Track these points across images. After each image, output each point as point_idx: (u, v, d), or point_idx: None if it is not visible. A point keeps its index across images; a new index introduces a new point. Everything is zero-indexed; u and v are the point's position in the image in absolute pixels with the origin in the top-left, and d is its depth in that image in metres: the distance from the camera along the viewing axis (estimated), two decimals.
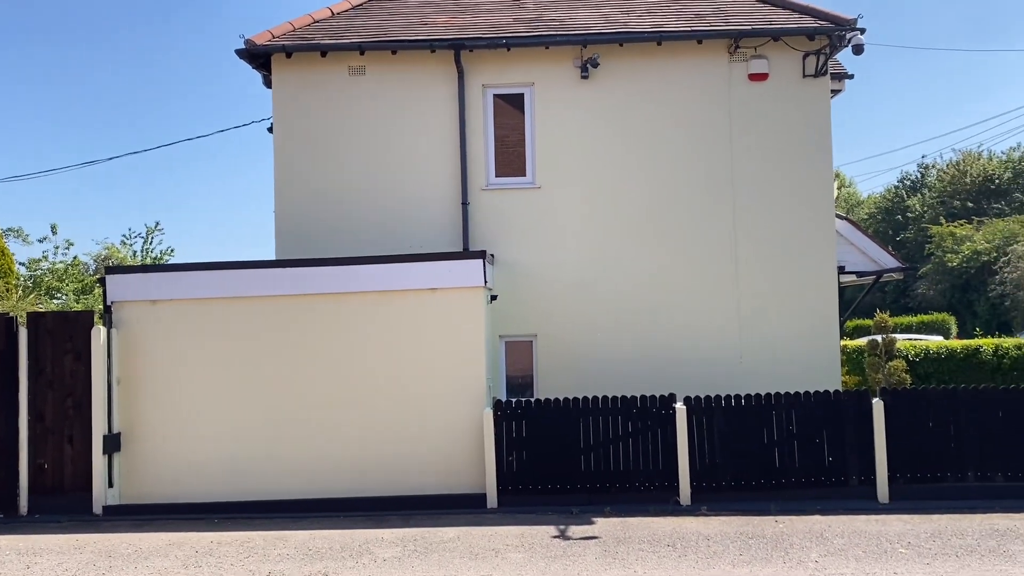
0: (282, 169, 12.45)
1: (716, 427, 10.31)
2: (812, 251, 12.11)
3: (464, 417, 10.53)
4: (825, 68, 12.13)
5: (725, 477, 10.26)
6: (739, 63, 12.25)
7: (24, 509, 10.38)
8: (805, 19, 12.16)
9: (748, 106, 12.25)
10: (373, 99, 12.47)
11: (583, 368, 11.95)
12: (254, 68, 12.64)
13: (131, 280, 10.90)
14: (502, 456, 10.34)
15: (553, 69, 12.35)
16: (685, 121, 12.31)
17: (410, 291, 10.77)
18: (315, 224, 12.29)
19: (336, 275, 10.80)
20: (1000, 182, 44.38)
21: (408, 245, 12.12)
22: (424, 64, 12.37)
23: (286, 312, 10.72)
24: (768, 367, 11.81)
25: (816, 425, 10.32)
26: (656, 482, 10.27)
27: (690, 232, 12.21)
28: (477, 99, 12.43)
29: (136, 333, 10.70)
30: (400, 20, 12.82)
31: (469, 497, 10.34)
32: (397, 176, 12.42)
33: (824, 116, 12.24)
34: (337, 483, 10.48)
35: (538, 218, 12.35)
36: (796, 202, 12.17)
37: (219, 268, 10.86)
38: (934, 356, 16.71)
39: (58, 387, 10.53)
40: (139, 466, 10.61)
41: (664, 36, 12.00)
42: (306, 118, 12.46)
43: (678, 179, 12.28)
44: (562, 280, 12.20)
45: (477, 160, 12.42)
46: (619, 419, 10.37)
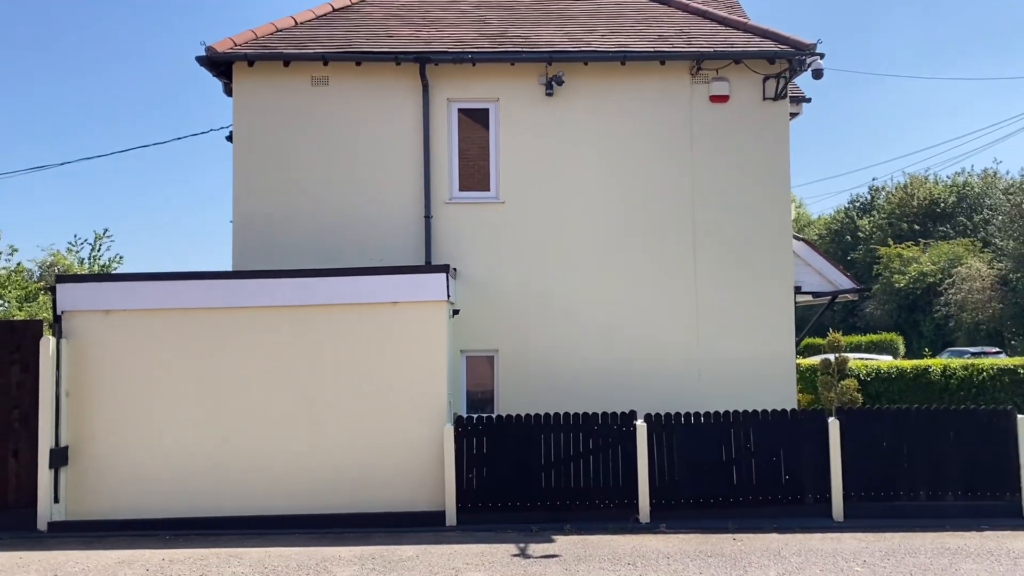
0: (241, 179, 12.26)
1: (676, 444, 10.36)
2: (770, 270, 12.29)
3: (424, 433, 10.42)
4: (785, 91, 12.35)
5: (684, 494, 10.31)
6: (701, 84, 12.42)
7: None
8: (766, 43, 12.38)
9: (709, 127, 12.42)
10: (336, 110, 12.36)
11: (545, 384, 11.95)
12: (215, 76, 12.44)
13: (83, 289, 10.60)
14: (462, 473, 10.26)
15: (518, 85, 12.39)
16: (648, 140, 12.43)
17: (371, 304, 10.66)
18: (274, 235, 12.11)
19: (296, 287, 10.63)
20: (945, 206, 45.68)
21: (370, 258, 12.01)
22: (389, 76, 12.31)
23: (243, 324, 10.52)
24: (726, 384, 11.93)
25: (773, 443, 10.44)
26: (616, 499, 10.28)
27: (652, 249, 12.31)
28: (442, 113, 12.40)
29: (87, 344, 10.40)
30: (364, 32, 12.74)
31: (429, 515, 10.23)
32: (359, 188, 12.31)
33: (783, 138, 12.46)
34: (293, 499, 10.29)
35: (501, 233, 12.34)
36: (755, 222, 12.34)
37: (176, 279, 10.61)
38: (885, 376, 17.01)
39: (3, 398, 10.17)
40: (87, 481, 10.28)
41: (628, 56, 12.11)
42: (267, 128, 12.30)
43: (641, 197, 12.38)
44: (525, 295, 12.19)
45: (441, 173, 12.37)
46: (580, 436, 10.37)
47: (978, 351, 28.59)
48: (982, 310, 34.07)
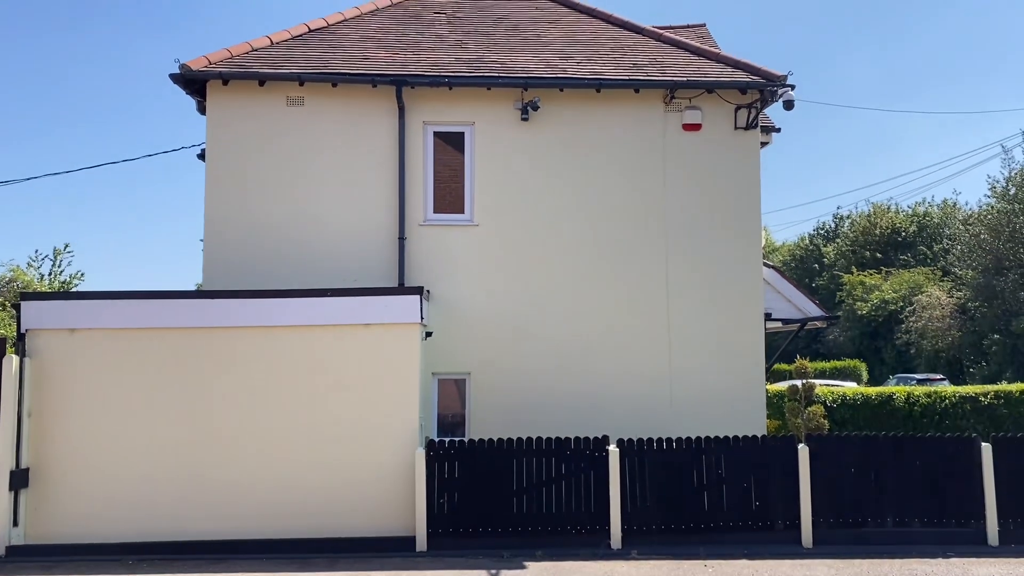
0: (213, 198, 12.14)
1: (648, 470, 10.37)
2: (741, 297, 12.42)
3: (395, 456, 10.33)
4: (756, 121, 12.56)
5: (656, 520, 10.31)
6: (674, 113, 12.58)
7: None
8: (738, 73, 12.59)
9: (682, 154, 12.57)
10: (310, 131, 12.32)
11: (517, 408, 11.91)
12: (188, 94, 12.34)
13: (48, 307, 10.39)
14: (433, 497, 10.17)
15: (494, 110, 12.45)
16: (622, 166, 12.54)
17: (343, 326, 10.58)
18: (246, 255, 12.00)
19: (267, 308, 10.53)
20: (906, 235, 46.57)
21: (343, 279, 11.92)
22: (365, 98, 12.31)
23: (211, 345, 10.38)
24: (697, 410, 11.99)
25: (744, 470, 10.49)
26: (588, 525, 10.24)
27: (625, 275, 12.38)
28: (417, 135, 12.42)
29: (51, 363, 10.18)
30: (341, 53, 12.75)
31: (398, 540, 10.11)
32: (333, 209, 12.26)
33: (754, 167, 12.64)
34: (260, 524, 10.12)
35: (475, 255, 12.34)
36: (726, 249, 12.48)
37: (144, 297, 10.45)
38: (850, 402, 17.26)
39: None
40: (49, 503, 10.03)
41: (603, 83, 12.24)
42: (240, 147, 12.21)
43: (614, 222, 12.47)
44: (498, 318, 12.19)
45: (415, 196, 12.37)
46: (552, 461, 10.34)
47: (923, 378, 29.15)
48: (942, 338, 34.68)
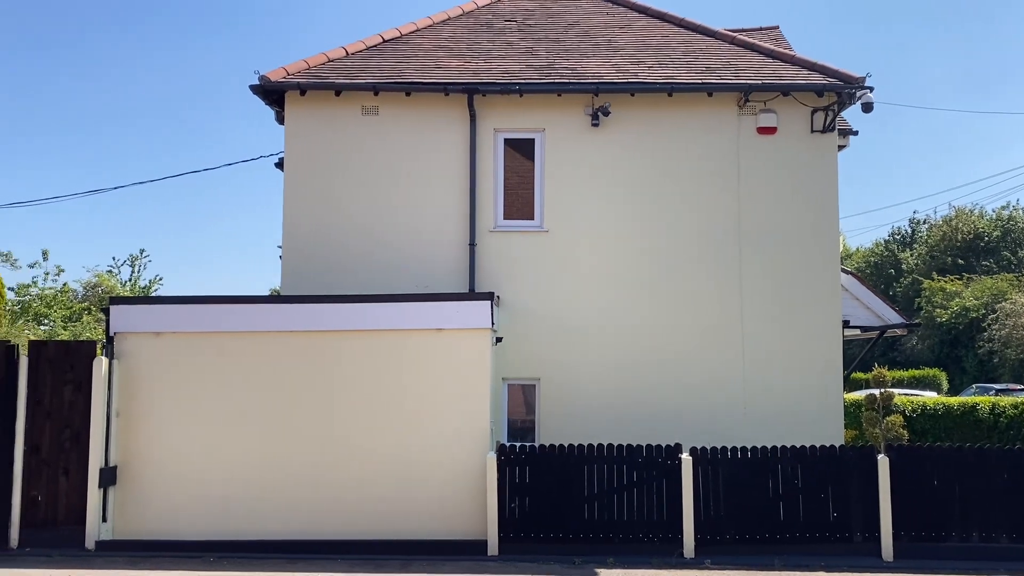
0: (291, 205, 12.46)
1: (721, 479, 10.23)
2: (818, 304, 12.17)
3: (466, 461, 10.41)
4: (833, 124, 12.31)
5: (729, 530, 10.16)
6: (748, 116, 12.42)
7: (15, 542, 10.13)
8: (814, 76, 12.36)
9: (756, 158, 12.39)
10: (384, 139, 12.54)
11: (586, 414, 11.89)
12: (267, 104, 12.70)
13: (135, 311, 10.79)
14: (504, 502, 10.21)
15: (564, 116, 12.48)
16: (693, 171, 12.43)
17: (416, 331, 10.71)
18: (322, 261, 12.27)
19: (342, 312, 10.74)
20: (989, 240, 44.93)
21: (415, 285, 12.09)
22: (437, 107, 12.47)
23: (290, 348, 10.63)
24: (771, 419, 11.78)
25: (821, 480, 10.27)
26: (659, 533, 10.15)
27: (697, 281, 12.26)
28: (488, 143, 12.52)
29: (138, 365, 10.57)
30: (414, 62, 12.95)
31: (469, 543, 10.18)
32: (405, 216, 12.44)
33: (831, 171, 12.39)
34: (335, 525, 10.31)
35: (545, 262, 12.37)
36: (802, 255, 12.25)
37: (225, 302, 10.78)
38: (931, 412, 16.72)
39: (56, 418, 10.36)
40: (134, 501, 10.40)
41: (675, 88, 12.16)
42: (317, 155, 12.50)
43: (686, 228, 12.36)
44: (567, 324, 12.18)
45: (486, 202, 12.47)
46: (624, 468, 10.28)
47: (1003, 388, 27.99)
48: None
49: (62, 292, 29.50)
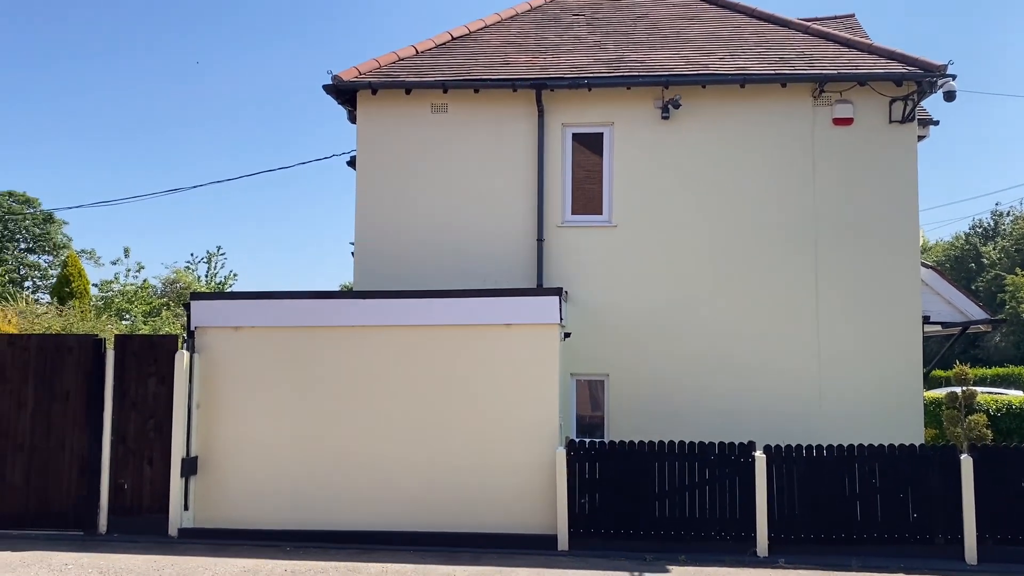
0: (363, 202, 12.66)
1: (796, 478, 10.04)
2: (897, 299, 11.83)
3: (535, 456, 10.43)
4: (912, 114, 11.94)
5: (804, 529, 9.96)
6: (823, 107, 12.13)
7: (103, 528, 10.56)
8: (892, 64, 12.00)
9: (832, 150, 12.10)
10: (453, 136, 12.64)
11: (656, 410, 11.80)
12: (340, 103, 12.92)
13: (215, 306, 11.12)
14: (574, 497, 10.20)
15: (633, 109, 12.39)
16: (766, 164, 12.20)
17: (485, 326, 10.77)
18: (393, 257, 12.44)
19: (413, 308, 10.87)
20: None
21: (483, 280, 12.17)
22: (505, 103, 12.51)
23: (362, 343, 10.81)
24: (848, 417, 11.51)
25: (900, 479, 9.99)
26: (732, 532, 10.02)
27: (770, 276, 12.03)
28: (556, 137, 12.51)
29: (217, 358, 10.89)
30: (482, 59, 13.01)
31: (539, 538, 10.21)
32: (474, 212, 12.52)
33: (910, 162, 12.03)
34: (407, 517, 10.45)
35: (613, 257, 12.30)
36: (881, 249, 11.92)
37: (301, 297, 11.02)
38: (1017, 411, 16.07)
39: (141, 409, 10.75)
40: (213, 490, 10.72)
41: (748, 79, 11.95)
42: (388, 153, 12.68)
43: (758, 222, 12.14)
44: (637, 320, 12.10)
45: (554, 197, 12.46)
46: (695, 465, 10.17)
47: None
48: None
49: (142, 288, 30.53)
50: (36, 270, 45.75)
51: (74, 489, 10.64)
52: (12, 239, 45.67)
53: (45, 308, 18.62)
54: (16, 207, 45.49)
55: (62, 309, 18.27)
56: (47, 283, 41.88)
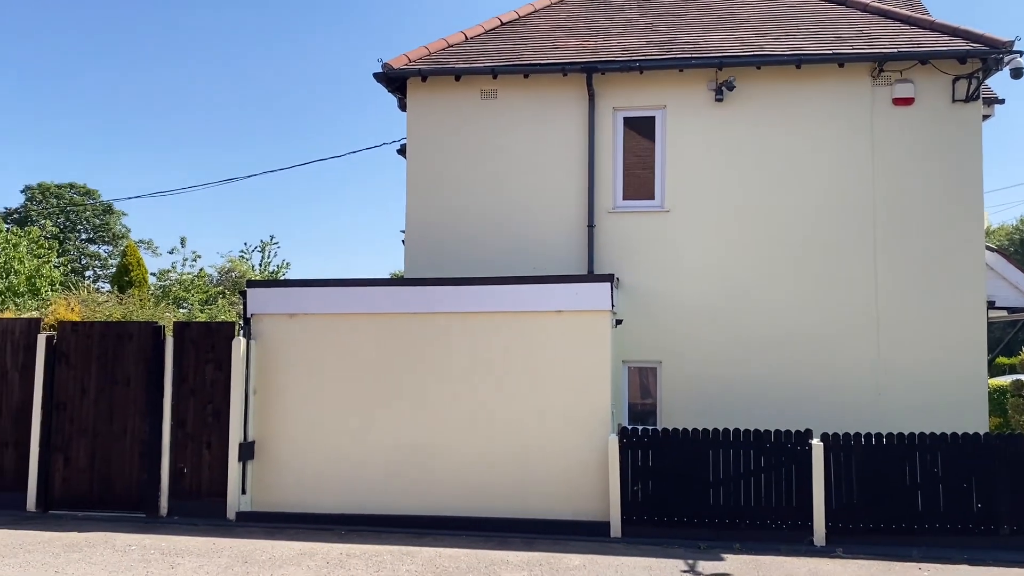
0: (414, 190, 12.70)
1: (854, 466, 9.83)
2: (959, 284, 11.49)
3: (587, 443, 10.39)
4: (977, 93, 11.55)
5: (862, 519, 9.77)
6: (883, 87, 11.80)
7: (164, 510, 10.82)
8: (956, 41, 11.61)
9: (892, 131, 11.77)
10: (503, 122, 12.59)
11: (709, 398, 11.66)
12: (390, 91, 12.96)
13: (271, 294, 11.27)
14: (627, 484, 10.15)
15: (686, 92, 12.20)
16: (823, 146, 11.92)
17: (536, 313, 10.74)
18: (443, 244, 12.47)
19: (464, 295, 10.89)
20: None
21: (533, 266, 12.13)
22: (555, 87, 12.42)
23: (415, 330, 10.87)
24: (907, 405, 11.24)
25: (963, 469, 9.72)
26: (788, 520, 9.87)
27: (826, 261, 11.78)
28: (607, 122, 12.38)
29: (272, 345, 11.05)
30: (532, 44, 12.93)
31: (592, 524, 10.18)
32: (524, 198, 12.47)
33: (974, 143, 11.64)
34: (461, 502, 10.51)
35: (665, 242, 12.16)
36: (943, 232, 11.58)
37: (354, 285, 11.12)
38: None
39: (199, 395, 10.96)
40: (270, 475, 10.91)
41: (804, 59, 11.67)
42: (438, 141, 12.68)
43: (814, 206, 11.88)
44: (689, 306, 11.96)
45: (605, 183, 12.35)
46: (751, 453, 10.03)
47: None
48: None
49: (199, 277, 31.17)
50: (97, 260, 47.05)
51: (136, 473, 10.92)
52: (74, 230, 47.00)
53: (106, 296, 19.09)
54: (77, 199, 46.78)
55: (122, 297, 18.71)
56: (107, 272, 43.06)
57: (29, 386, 11.17)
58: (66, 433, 11.09)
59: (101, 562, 8.63)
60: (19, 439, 11.14)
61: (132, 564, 8.55)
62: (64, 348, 11.22)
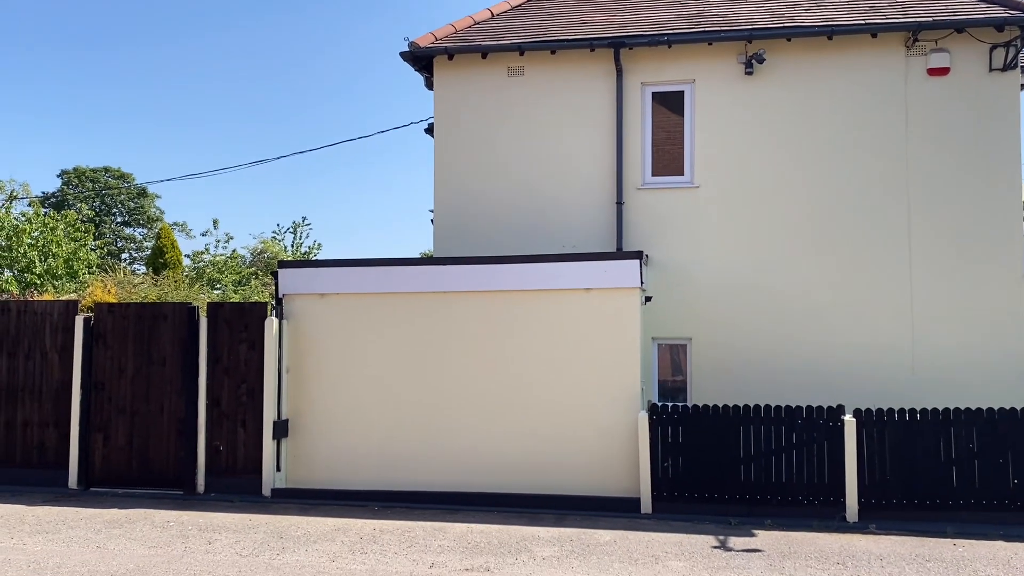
0: (441, 169, 12.71)
1: (888, 442, 9.75)
2: (996, 255, 11.29)
3: (617, 420, 10.41)
4: (1015, 61, 11.27)
5: (896, 495, 9.70)
6: (917, 57, 11.57)
7: (201, 487, 11.03)
8: (993, 8, 11.34)
9: (926, 102, 11.55)
10: (530, 99, 12.54)
11: (740, 374, 11.60)
12: (416, 70, 12.95)
13: (302, 274, 11.38)
14: (657, 461, 10.17)
15: (715, 66, 12.05)
16: (856, 119, 11.73)
17: (565, 291, 10.74)
18: (472, 222, 12.48)
19: (492, 273, 10.91)
20: None
21: (562, 244, 12.12)
22: (582, 63, 12.33)
23: (444, 309, 10.92)
24: (943, 379, 11.11)
25: (1000, 444, 9.60)
26: (820, 497, 9.83)
27: (859, 235, 11.63)
28: (635, 97, 12.28)
29: (304, 325, 11.17)
30: (559, 20, 12.83)
31: (622, 500, 10.23)
32: (552, 175, 12.44)
33: (1012, 112, 11.38)
34: (491, 479, 10.59)
35: (695, 218, 12.07)
36: (979, 203, 11.37)
37: (385, 264, 11.17)
38: None
39: (233, 374, 11.13)
40: (304, 452, 11.07)
41: (835, 30, 11.47)
42: (465, 119, 12.67)
43: (847, 179, 11.71)
44: (720, 283, 11.88)
45: (633, 159, 12.27)
46: (782, 429, 9.98)
47: None
48: None
49: (232, 258, 31.54)
50: (132, 242, 47.75)
51: (173, 451, 11.14)
52: (109, 213, 47.69)
53: (141, 278, 19.39)
54: (112, 182, 47.44)
55: (157, 279, 18.99)
56: (142, 255, 43.68)
57: (68, 367, 11.42)
58: (105, 412, 11.33)
59: (141, 538, 8.84)
60: (59, 419, 11.41)
61: (171, 540, 8.75)
62: (101, 329, 11.44)
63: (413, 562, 8.01)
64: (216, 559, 8.08)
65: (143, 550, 8.37)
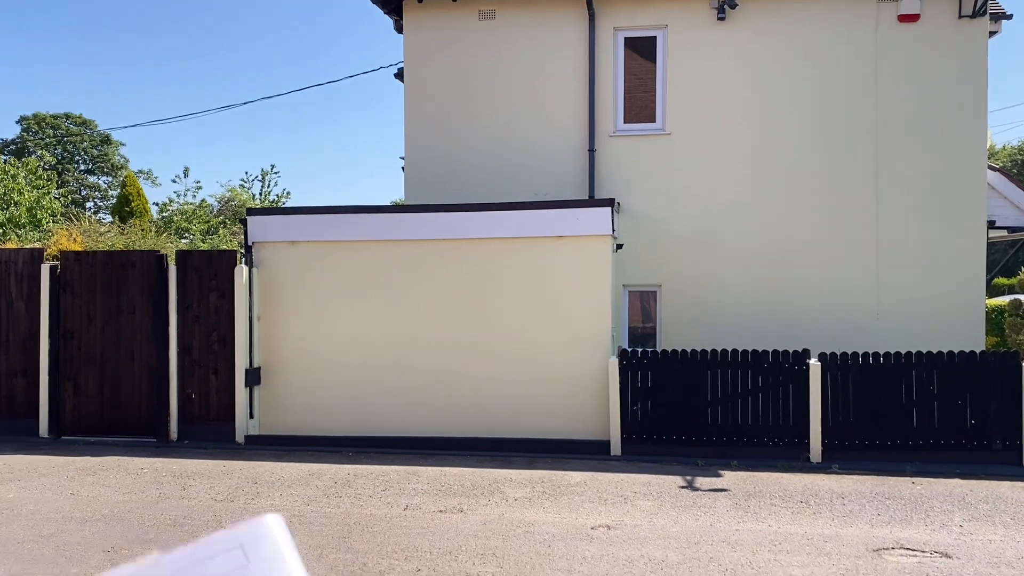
0: (412, 115, 12.58)
1: (851, 385, 10.00)
2: (960, 204, 11.49)
3: (588, 365, 10.55)
4: (984, 7, 11.32)
5: (858, 436, 9.98)
6: (888, 3, 11.58)
7: (174, 435, 11.06)
8: None
9: (896, 49, 11.59)
10: (501, 44, 12.40)
11: (709, 321, 11.77)
12: (386, 13, 12.73)
13: (271, 221, 11.28)
14: (626, 405, 10.34)
15: (688, 11, 11.97)
16: (827, 66, 11.76)
17: (536, 238, 10.77)
18: (443, 170, 12.41)
19: (464, 221, 10.90)
20: None
21: (534, 192, 12.10)
22: (555, 7, 12.19)
23: (415, 256, 10.92)
24: (906, 324, 11.36)
25: (958, 386, 9.89)
26: (785, 438, 10.09)
27: (827, 183, 11.74)
28: (608, 43, 12.19)
29: (274, 273, 11.12)
30: None
31: (592, 443, 10.42)
32: (524, 122, 12.37)
33: (980, 60, 11.48)
34: (463, 423, 10.73)
35: (667, 166, 12.10)
36: (945, 151, 11.52)
37: (354, 212, 11.11)
38: None
39: (204, 322, 11.08)
40: (277, 399, 11.11)
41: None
42: (436, 64, 12.51)
43: (816, 127, 11.79)
44: (690, 230, 11.97)
45: (605, 106, 12.22)
46: (748, 373, 10.19)
47: None
48: None
49: (200, 207, 31.08)
50: (96, 191, 46.87)
51: (145, 399, 11.12)
52: (71, 161, 46.65)
53: (107, 227, 19.07)
54: (73, 129, 46.31)
55: (124, 228, 18.69)
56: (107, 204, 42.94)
57: (36, 316, 11.30)
58: (75, 361, 11.26)
59: (115, 484, 8.86)
60: (28, 367, 11.33)
61: (145, 486, 8.79)
62: (68, 277, 11.30)
63: (388, 504, 8.13)
64: (191, 504, 8.14)
65: (118, 496, 8.40)
